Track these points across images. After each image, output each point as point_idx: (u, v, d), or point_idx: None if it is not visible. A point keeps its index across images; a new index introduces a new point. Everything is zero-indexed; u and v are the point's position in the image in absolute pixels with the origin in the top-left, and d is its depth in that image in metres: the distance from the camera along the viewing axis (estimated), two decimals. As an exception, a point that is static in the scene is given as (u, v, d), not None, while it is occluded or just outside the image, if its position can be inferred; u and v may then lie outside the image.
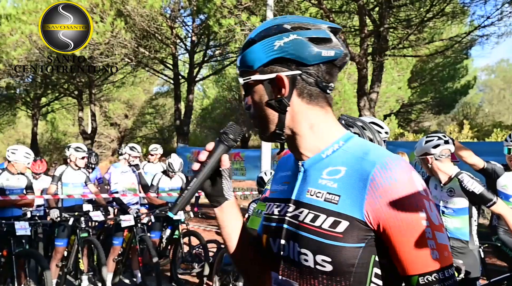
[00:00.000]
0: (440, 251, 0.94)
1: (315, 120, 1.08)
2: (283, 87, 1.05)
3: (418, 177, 0.99)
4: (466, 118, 24.32)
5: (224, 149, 1.10)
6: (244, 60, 1.11)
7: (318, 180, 1.05)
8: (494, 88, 34.47)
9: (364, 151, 1.02)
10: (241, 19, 10.30)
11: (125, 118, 27.24)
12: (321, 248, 0.99)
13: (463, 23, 14.55)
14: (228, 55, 17.13)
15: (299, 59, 1.05)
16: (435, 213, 0.97)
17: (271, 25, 1.09)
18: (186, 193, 1.09)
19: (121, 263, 5.89)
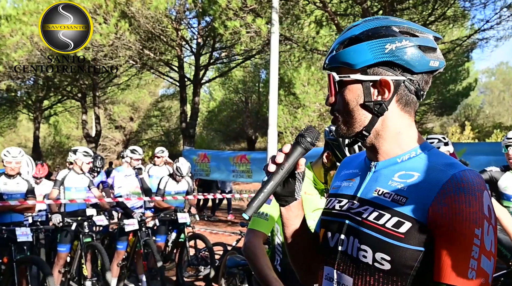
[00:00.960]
0: (478, 275, 0.92)
1: (403, 128, 1.10)
2: (387, 91, 1.06)
3: (488, 197, 0.98)
4: (467, 119, 24.35)
5: (302, 152, 1.09)
6: (343, 56, 1.09)
7: (388, 181, 1.07)
8: (494, 90, 34.58)
9: (443, 162, 1.03)
10: (246, 21, 10.31)
11: (130, 121, 27.26)
12: (381, 245, 1.01)
13: (464, 27, 14.76)
14: (234, 57, 17.12)
15: (407, 66, 1.05)
16: (491, 238, 0.95)
17: (378, 25, 1.08)
18: (262, 195, 1.06)
19: (126, 267, 5.86)
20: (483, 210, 0.94)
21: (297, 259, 1.30)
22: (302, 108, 17.82)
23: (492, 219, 0.96)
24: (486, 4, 11.14)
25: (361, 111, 1.09)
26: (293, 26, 11.92)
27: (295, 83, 18.01)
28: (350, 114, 1.10)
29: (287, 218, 1.20)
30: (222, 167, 12.56)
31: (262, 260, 1.98)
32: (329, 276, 1.13)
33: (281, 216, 1.21)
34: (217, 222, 12.17)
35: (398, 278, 1.00)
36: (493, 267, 0.95)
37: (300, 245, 1.25)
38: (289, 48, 12.72)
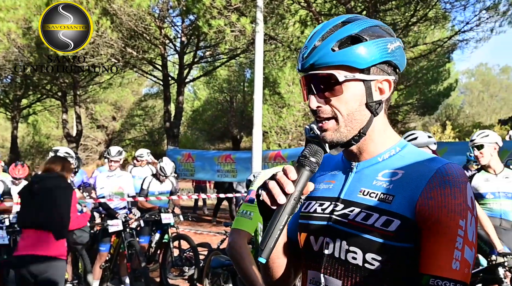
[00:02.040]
0: (462, 265, 0.94)
1: (386, 126, 1.12)
2: (388, 91, 1.08)
3: (470, 189, 1.00)
4: (448, 119, 24.78)
5: (309, 175, 1.00)
6: (345, 55, 1.03)
7: (372, 181, 1.07)
8: (474, 90, 35.35)
9: (424, 158, 1.05)
10: (231, 20, 10.27)
11: (113, 121, 26.92)
12: (372, 246, 1.00)
13: (445, 28, 15.06)
14: (219, 56, 17.05)
15: (399, 66, 1.09)
16: (473, 229, 0.97)
17: (372, 24, 1.06)
18: (275, 231, 0.96)
19: (109, 269, 5.77)
20: (467, 202, 0.97)
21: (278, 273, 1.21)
22: (287, 108, 17.85)
23: (475, 210, 0.99)
24: (466, 6, 11.40)
25: (363, 111, 1.06)
26: (277, 25, 11.93)
27: (280, 82, 18.03)
28: (354, 116, 1.06)
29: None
30: (207, 166, 12.50)
31: (247, 259, 1.96)
32: (314, 280, 1.11)
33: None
34: (201, 222, 12.10)
35: (389, 276, 1.00)
36: (474, 256, 0.97)
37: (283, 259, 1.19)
38: (274, 47, 12.72)
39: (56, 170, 3.84)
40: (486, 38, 12.23)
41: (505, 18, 11.31)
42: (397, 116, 23.70)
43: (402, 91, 21.17)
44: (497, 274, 3.32)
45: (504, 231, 3.93)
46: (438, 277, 0.93)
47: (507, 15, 11.25)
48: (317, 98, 1.07)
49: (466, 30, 11.95)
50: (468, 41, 12.80)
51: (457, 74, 25.83)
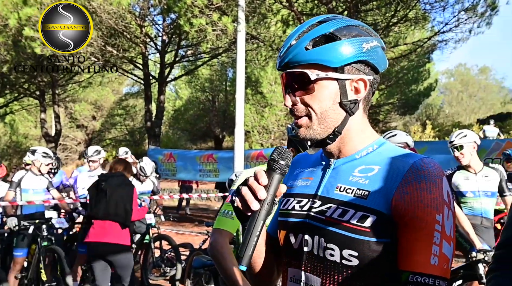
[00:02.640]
0: (440, 260, 0.94)
1: (364, 126, 1.12)
2: (364, 90, 1.07)
3: (447, 183, 1.00)
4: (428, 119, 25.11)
5: (279, 178, 1.00)
6: (318, 54, 1.04)
7: (349, 177, 1.06)
8: (453, 90, 35.88)
9: (400, 153, 1.05)
10: (212, 19, 10.22)
11: (93, 120, 26.54)
12: (348, 242, 1.00)
13: (424, 29, 15.28)
14: (201, 55, 16.95)
15: (377, 66, 1.08)
16: (450, 223, 0.97)
17: (349, 23, 1.07)
18: (252, 238, 0.96)
19: (90, 271, 5.70)
20: (443, 196, 0.96)
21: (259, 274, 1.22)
22: (269, 107, 17.88)
23: (451, 204, 0.98)
24: (445, 7, 11.59)
25: (337, 110, 1.07)
26: (259, 25, 11.92)
27: (262, 82, 18.05)
28: (327, 114, 1.07)
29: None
30: (189, 166, 12.44)
31: (228, 259, 1.93)
32: (295, 278, 1.11)
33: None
34: (183, 222, 12.02)
35: (367, 272, 1.00)
36: (452, 251, 0.97)
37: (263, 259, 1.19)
38: (256, 47, 12.71)
39: (119, 169, 4.61)
40: (464, 39, 12.44)
41: (483, 19, 11.52)
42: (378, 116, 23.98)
43: (383, 91, 21.44)
44: (477, 271, 3.36)
45: (485, 229, 4.00)
46: (417, 273, 0.93)
47: (485, 16, 11.46)
48: (291, 97, 1.08)
49: (445, 31, 12.17)
50: (447, 42, 13.03)
51: (437, 74, 26.23)
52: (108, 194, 4.36)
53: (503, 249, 1.15)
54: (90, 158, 6.05)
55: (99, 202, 4.40)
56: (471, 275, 3.45)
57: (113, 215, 4.36)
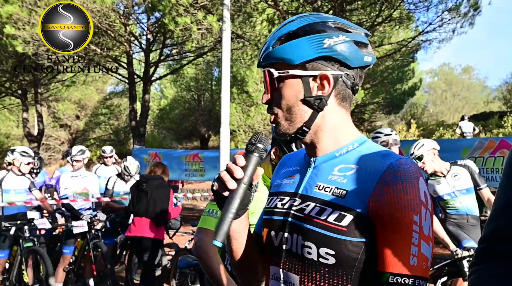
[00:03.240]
0: (419, 260, 0.95)
1: (340, 123, 1.11)
2: (328, 86, 1.07)
3: (424, 184, 1.00)
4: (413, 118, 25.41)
5: (258, 160, 1.05)
6: (281, 52, 1.08)
7: (328, 176, 1.07)
8: (437, 90, 36.20)
9: (379, 153, 1.05)
10: (197, 18, 10.15)
11: (77, 119, 26.15)
12: (325, 241, 1.01)
13: (409, 29, 15.42)
14: (186, 54, 16.84)
15: (345, 61, 1.07)
16: (428, 224, 0.97)
17: (314, 21, 1.08)
18: (228, 215, 1.00)
19: (73, 272, 5.62)
20: (419, 197, 0.97)
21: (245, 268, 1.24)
22: (255, 107, 17.86)
23: (429, 204, 0.99)
24: (429, 8, 11.72)
25: (301, 107, 1.08)
26: (245, 24, 11.90)
27: (248, 81, 18.02)
28: (291, 111, 1.09)
29: (238, 230, 1.15)
30: (174, 166, 12.35)
31: (214, 259, 1.92)
32: (275, 275, 1.12)
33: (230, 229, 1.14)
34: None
35: (343, 271, 1.00)
36: (431, 250, 0.98)
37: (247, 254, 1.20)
38: (241, 46, 12.68)
39: (158, 172, 5.21)
40: (448, 39, 12.60)
41: (466, 19, 11.67)
42: (363, 115, 24.16)
43: (368, 90, 21.59)
44: (462, 268, 3.42)
45: (472, 227, 4.05)
46: (397, 274, 0.94)
47: (468, 16, 11.61)
48: (266, 95, 1.13)
49: (429, 30, 12.30)
50: (431, 42, 13.18)
51: (421, 73, 26.49)
52: (149, 194, 4.93)
53: (485, 243, 1.14)
54: (74, 157, 5.96)
55: (140, 201, 4.97)
56: (456, 272, 3.51)
57: (152, 213, 4.92)
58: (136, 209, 5.03)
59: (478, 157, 7.79)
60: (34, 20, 10.89)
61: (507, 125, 14.97)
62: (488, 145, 7.86)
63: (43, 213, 6.19)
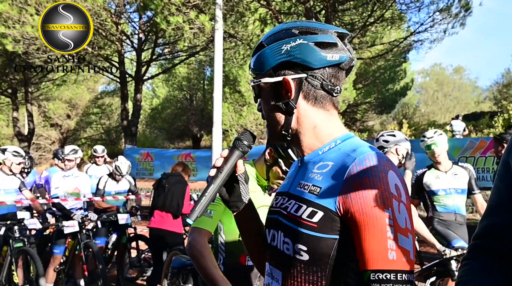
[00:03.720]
0: (398, 254, 0.94)
1: (319, 122, 1.13)
2: (290, 90, 1.10)
3: (395, 176, 0.99)
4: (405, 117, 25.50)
5: (239, 154, 1.13)
6: (254, 63, 1.17)
7: (309, 174, 1.11)
8: (429, 90, 36.38)
9: (352, 148, 1.07)
10: (189, 17, 10.12)
11: (67, 119, 25.94)
12: (299, 236, 1.04)
13: (401, 29, 15.49)
14: (178, 53, 16.79)
15: (305, 63, 1.09)
16: (404, 216, 0.96)
17: (279, 29, 1.14)
18: (204, 199, 1.08)
19: (63, 272, 5.56)
20: (389, 190, 0.96)
21: (256, 260, 1.33)
22: (248, 106, 17.85)
23: (402, 196, 0.98)
24: (420, 8, 11.80)
25: (276, 112, 1.14)
26: (237, 23, 11.88)
27: (240, 81, 18.00)
28: (269, 117, 1.16)
29: (241, 222, 1.24)
30: (166, 165, 12.31)
31: (208, 258, 1.91)
32: (268, 272, 1.17)
33: (236, 223, 1.25)
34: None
35: (317, 267, 1.02)
36: (412, 242, 0.97)
37: (256, 247, 1.28)
38: (234, 45, 12.67)
39: (178, 170, 5.61)
40: (439, 39, 12.70)
41: (457, 20, 11.75)
42: (355, 115, 24.25)
43: (360, 90, 21.68)
44: (450, 267, 3.45)
45: (459, 225, 4.12)
46: (378, 270, 0.93)
47: (459, 17, 11.70)
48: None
49: (421, 31, 12.39)
50: (423, 42, 13.28)
51: (413, 74, 26.61)
52: (166, 189, 5.30)
53: (477, 240, 1.18)
54: (66, 157, 5.90)
55: (159, 195, 5.35)
56: (444, 272, 3.54)
57: (168, 206, 5.27)
58: (155, 202, 5.43)
59: (469, 156, 7.86)
60: (25, 18, 10.79)
61: (498, 125, 15.08)
62: (479, 145, 7.94)
63: (33, 213, 6.13)
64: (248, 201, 1.21)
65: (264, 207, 2.16)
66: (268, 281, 1.16)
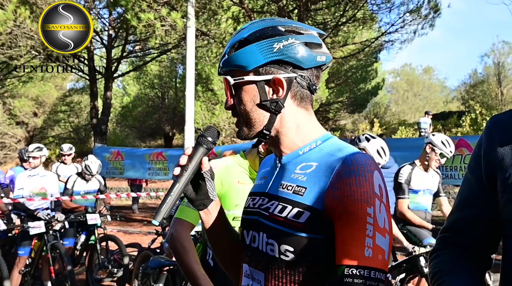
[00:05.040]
0: (374, 252, 0.95)
1: (301, 122, 1.13)
2: (281, 89, 1.09)
3: (379, 177, 1.01)
4: (376, 117, 25.98)
5: (204, 151, 1.11)
6: (235, 60, 1.11)
7: (291, 174, 1.10)
8: (399, 89, 37.08)
9: (337, 149, 1.07)
10: (161, 14, 9.98)
11: (34, 117, 25.19)
12: (285, 237, 1.03)
13: (372, 29, 15.73)
14: (149, 51, 16.54)
15: (297, 63, 1.08)
16: (383, 216, 0.98)
17: (264, 26, 1.11)
18: (170, 198, 1.06)
19: (29, 274, 5.40)
20: (373, 189, 0.98)
21: (225, 262, 1.30)
22: (220, 105, 17.77)
23: (383, 197, 1.00)
24: (391, 9, 12.05)
25: (259, 111, 1.11)
26: (210, 21, 11.79)
27: (213, 79, 17.91)
28: (249, 116, 1.12)
29: (208, 222, 1.19)
30: (137, 164, 12.13)
31: (191, 253, 1.83)
32: (247, 273, 1.16)
33: (202, 222, 1.20)
34: (131, 222, 11.72)
35: (303, 268, 1.02)
36: (389, 243, 0.99)
37: (225, 248, 1.27)
38: (206, 43, 12.57)
39: None
40: (409, 40, 13.00)
41: (427, 21, 12.05)
42: (328, 114, 24.52)
43: (333, 90, 21.93)
44: (419, 264, 3.53)
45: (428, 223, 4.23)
46: (353, 266, 0.94)
47: (428, 18, 11.99)
48: (228, 101, 1.16)
49: (392, 31, 12.64)
50: (393, 42, 13.56)
51: (384, 73, 27.08)
52: None
53: (445, 232, 1.24)
54: (30, 154, 5.70)
55: None
56: (413, 269, 3.63)
57: None
58: None
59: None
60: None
61: (465, 125, 15.54)
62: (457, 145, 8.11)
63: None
64: (216, 199, 1.18)
65: None
66: (247, 282, 1.15)
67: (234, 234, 1.27)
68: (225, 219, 1.24)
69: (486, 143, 1.12)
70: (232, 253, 1.26)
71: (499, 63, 27.00)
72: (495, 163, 1.08)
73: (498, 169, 1.07)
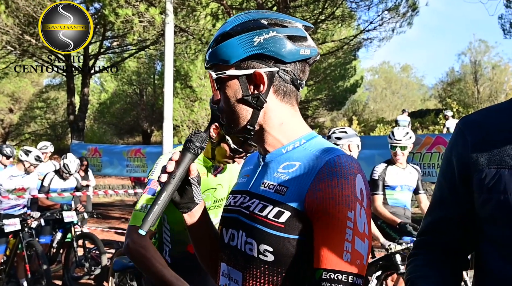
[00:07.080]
0: (353, 257, 0.94)
1: (285, 118, 1.11)
2: (262, 83, 1.06)
3: (361, 181, 0.99)
4: (355, 114, 26.18)
5: (192, 157, 1.09)
6: (217, 54, 1.08)
7: (274, 173, 1.08)
8: (378, 87, 37.37)
9: (321, 149, 1.05)
10: (139, 10, 9.89)
11: (10, 113, 24.65)
12: (264, 237, 1.01)
13: (351, 27, 15.83)
14: (127, 47, 16.36)
15: (278, 57, 1.06)
16: (363, 220, 0.97)
17: (247, 19, 1.08)
18: (157, 208, 1.03)
19: (4, 272, 5.37)
20: (355, 193, 0.96)
21: (205, 260, 1.29)
22: (199, 102, 17.68)
23: (364, 202, 0.98)
24: (370, 7, 12.16)
25: (241, 106, 1.09)
26: (188, 17, 11.73)
27: (192, 76, 17.80)
28: (232, 111, 1.09)
29: (192, 224, 1.18)
30: (115, 161, 12.02)
31: (154, 260, 1.74)
32: (224, 272, 1.14)
33: (185, 223, 1.19)
34: (109, 219, 11.62)
35: (282, 268, 1.01)
36: (367, 248, 0.98)
37: (206, 247, 1.25)
38: (185, 40, 12.50)
39: None
40: (388, 38, 13.13)
41: (405, 19, 12.23)
42: (307, 111, 24.65)
43: (311, 87, 22.04)
44: (395, 261, 3.60)
45: (406, 219, 4.31)
46: (330, 270, 0.93)
47: (407, 16, 12.18)
48: (214, 95, 1.14)
49: (370, 29, 12.77)
50: (372, 40, 13.66)
51: (362, 71, 27.26)
52: None
53: (422, 236, 1.25)
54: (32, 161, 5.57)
55: None
56: (390, 266, 3.69)
57: None
58: None
59: (416, 152, 8.15)
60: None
61: (442, 123, 15.83)
62: (425, 141, 8.26)
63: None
64: (201, 202, 1.17)
65: (211, 189, 2.06)
66: (224, 282, 1.13)
67: (215, 233, 1.25)
68: (208, 219, 1.22)
69: (458, 145, 1.12)
70: (212, 251, 1.24)
71: (475, 62, 27.44)
72: (470, 164, 1.07)
73: (474, 170, 1.06)
